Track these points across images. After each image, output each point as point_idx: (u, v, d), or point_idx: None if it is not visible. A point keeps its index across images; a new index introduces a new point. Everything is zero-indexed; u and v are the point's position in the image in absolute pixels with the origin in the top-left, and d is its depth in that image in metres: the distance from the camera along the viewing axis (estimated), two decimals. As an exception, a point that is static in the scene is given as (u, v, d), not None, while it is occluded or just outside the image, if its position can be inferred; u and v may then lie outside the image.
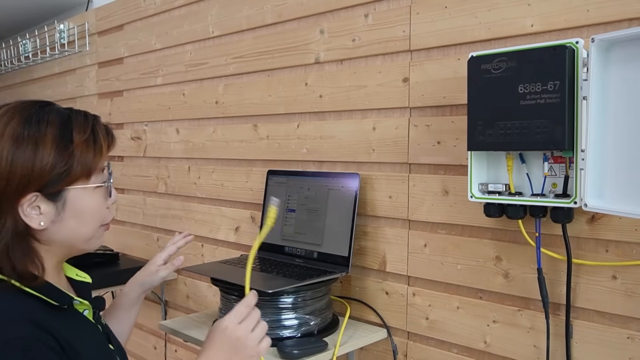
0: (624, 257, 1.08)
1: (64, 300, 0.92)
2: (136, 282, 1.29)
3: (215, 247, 1.94)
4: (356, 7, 1.48)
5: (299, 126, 1.63)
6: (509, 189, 1.15)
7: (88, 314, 0.99)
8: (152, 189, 2.20)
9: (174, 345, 2.15)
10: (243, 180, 1.81)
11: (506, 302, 1.24)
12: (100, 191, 0.96)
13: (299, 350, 1.23)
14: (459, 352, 1.32)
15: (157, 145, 2.16)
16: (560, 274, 1.15)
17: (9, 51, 3.01)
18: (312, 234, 1.50)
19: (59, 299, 0.91)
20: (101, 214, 0.97)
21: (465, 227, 1.30)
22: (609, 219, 1.09)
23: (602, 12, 1.09)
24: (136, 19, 2.22)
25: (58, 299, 0.91)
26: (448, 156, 1.31)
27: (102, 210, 0.97)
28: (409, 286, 1.40)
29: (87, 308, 0.99)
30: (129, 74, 2.28)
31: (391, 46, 1.41)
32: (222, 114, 1.88)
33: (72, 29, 2.56)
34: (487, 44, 1.24)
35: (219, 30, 1.87)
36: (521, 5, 1.18)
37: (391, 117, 1.42)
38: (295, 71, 1.65)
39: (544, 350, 1.17)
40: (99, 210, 0.96)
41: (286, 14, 1.65)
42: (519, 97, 1.06)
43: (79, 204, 0.92)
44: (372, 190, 1.46)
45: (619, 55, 0.96)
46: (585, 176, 1.00)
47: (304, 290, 1.33)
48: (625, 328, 1.09)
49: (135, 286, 1.28)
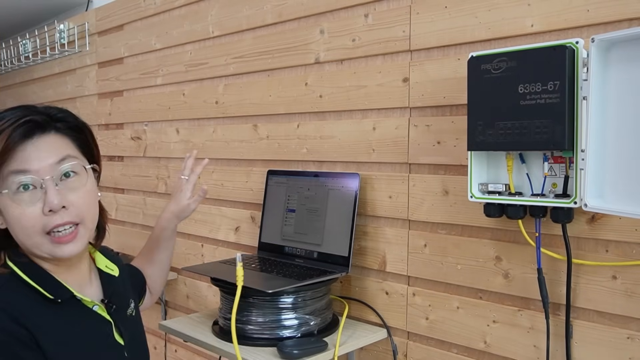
0: (624, 257, 1.08)
1: (60, 294, 0.94)
2: (172, 215, 1.32)
3: (215, 247, 1.94)
4: (356, 7, 1.48)
5: (299, 126, 1.63)
6: (509, 189, 1.15)
7: (99, 309, 1.00)
8: (152, 189, 2.20)
9: (174, 345, 2.15)
10: (243, 180, 1.81)
11: (506, 302, 1.24)
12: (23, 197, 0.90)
13: (298, 350, 1.23)
14: (459, 352, 1.32)
15: (157, 145, 2.16)
16: (560, 274, 1.15)
17: (9, 51, 3.01)
18: (312, 234, 1.50)
19: (54, 292, 0.93)
20: (32, 223, 0.91)
21: (465, 227, 1.30)
22: (609, 219, 1.09)
23: (602, 12, 1.08)
24: (136, 19, 2.22)
25: (53, 292, 0.93)
26: (448, 156, 1.31)
27: (32, 218, 0.90)
28: (409, 286, 1.40)
29: (96, 304, 1.00)
30: (129, 74, 2.28)
31: (391, 46, 1.41)
32: (222, 114, 1.88)
33: (72, 29, 2.56)
34: (487, 44, 1.24)
35: (219, 30, 1.87)
36: (521, 5, 1.18)
37: (391, 117, 1.42)
38: (295, 71, 1.65)
39: (544, 351, 1.17)
40: (25, 218, 0.90)
41: (286, 14, 1.65)
42: (519, 97, 1.06)
43: (4, 209, 0.92)
44: (372, 190, 1.45)
45: (619, 55, 0.96)
46: (585, 176, 1.00)
47: (304, 290, 1.32)
48: (625, 328, 1.09)
49: (172, 218, 1.32)
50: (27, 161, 0.90)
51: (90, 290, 1.03)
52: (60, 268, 0.98)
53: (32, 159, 0.91)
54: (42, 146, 0.93)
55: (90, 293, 1.03)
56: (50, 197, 0.90)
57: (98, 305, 1.01)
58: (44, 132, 0.94)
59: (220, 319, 1.41)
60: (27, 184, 0.90)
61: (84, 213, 0.95)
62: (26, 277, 0.93)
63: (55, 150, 0.94)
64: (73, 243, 0.94)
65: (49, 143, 0.94)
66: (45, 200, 0.90)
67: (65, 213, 0.92)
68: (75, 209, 0.93)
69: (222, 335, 1.36)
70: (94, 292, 1.04)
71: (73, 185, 0.94)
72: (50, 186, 0.91)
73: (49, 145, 0.94)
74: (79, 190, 0.95)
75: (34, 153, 0.91)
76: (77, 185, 0.95)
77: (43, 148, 0.93)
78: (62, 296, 0.95)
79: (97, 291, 1.05)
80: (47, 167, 0.92)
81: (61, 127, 0.96)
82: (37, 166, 0.91)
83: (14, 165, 0.90)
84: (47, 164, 0.92)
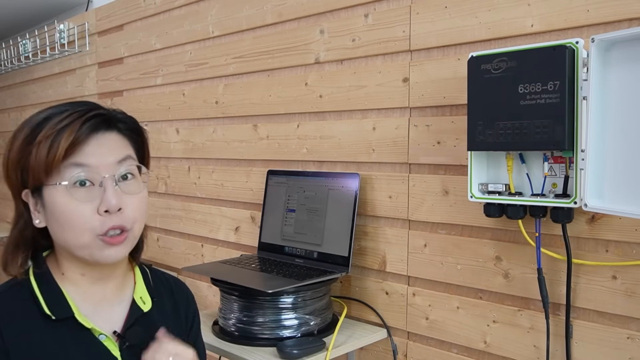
0: (624, 257, 1.08)
1: (58, 311, 0.87)
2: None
3: (215, 247, 1.94)
4: (356, 7, 1.48)
5: (299, 126, 1.63)
6: (509, 189, 1.15)
7: (107, 340, 0.90)
8: (152, 189, 2.20)
9: (174, 345, 2.15)
10: (243, 180, 1.81)
11: (506, 302, 1.24)
12: (79, 192, 0.85)
13: (298, 350, 1.23)
14: (459, 352, 1.32)
15: (157, 145, 2.16)
16: (560, 274, 1.15)
17: (9, 51, 3.01)
18: (312, 234, 1.50)
19: (53, 308, 0.87)
20: (83, 221, 0.85)
21: (465, 227, 1.30)
22: (609, 219, 1.09)
23: (602, 12, 1.08)
24: (136, 19, 2.22)
25: (52, 308, 0.87)
26: (448, 156, 1.31)
27: (85, 216, 0.85)
28: (409, 286, 1.40)
29: (103, 334, 0.90)
30: (129, 74, 2.28)
31: (391, 46, 1.41)
32: (222, 114, 1.88)
33: (72, 29, 2.55)
34: (487, 44, 1.24)
35: (219, 30, 1.87)
36: (521, 5, 1.18)
37: (391, 117, 1.42)
38: (295, 71, 1.65)
39: (544, 350, 1.17)
40: (77, 215, 0.85)
41: (286, 14, 1.65)
42: (519, 97, 1.06)
43: (52, 204, 0.86)
44: (372, 190, 1.45)
45: (619, 55, 0.96)
46: (585, 176, 1.00)
47: (304, 290, 1.33)
48: (625, 328, 1.09)
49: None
50: (88, 156, 0.85)
51: (108, 316, 0.92)
52: (85, 278, 0.91)
53: (93, 154, 0.86)
54: (105, 143, 0.88)
55: (105, 319, 0.92)
56: (108, 197, 0.85)
57: (106, 336, 0.90)
58: (107, 129, 0.89)
59: (221, 319, 1.41)
60: (85, 179, 0.85)
61: (136, 219, 0.89)
62: (36, 287, 0.88)
63: (117, 149, 0.89)
64: (120, 246, 0.87)
65: (112, 141, 0.89)
66: (103, 199, 0.85)
67: (118, 216, 0.86)
68: (130, 213, 0.88)
69: (222, 335, 1.36)
70: (113, 319, 0.93)
71: (130, 188, 0.89)
72: (110, 185, 0.86)
73: (112, 143, 0.89)
74: (136, 195, 0.90)
75: (97, 149, 0.87)
76: (134, 189, 0.90)
77: (105, 145, 0.88)
78: (60, 314, 0.87)
79: (118, 320, 0.93)
80: (107, 165, 0.87)
81: (122, 128, 0.92)
82: (97, 162, 0.86)
83: (74, 158, 0.85)
84: (108, 162, 0.87)
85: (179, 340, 0.94)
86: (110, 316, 0.93)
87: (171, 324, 0.99)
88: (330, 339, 1.31)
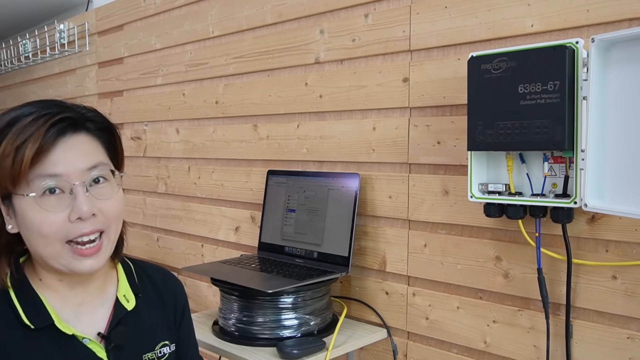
0: (624, 257, 1.08)
1: (36, 321, 0.85)
2: None
3: (215, 247, 1.94)
4: (356, 7, 1.48)
5: (299, 126, 1.63)
6: (509, 189, 1.15)
7: (92, 343, 0.88)
8: (152, 189, 2.20)
9: (174, 345, 2.15)
10: (243, 180, 1.81)
11: (506, 302, 1.24)
12: (49, 201, 0.82)
13: (298, 350, 1.23)
14: (459, 352, 1.32)
15: (157, 145, 2.16)
16: (560, 274, 1.15)
17: (9, 51, 3.01)
18: (312, 234, 1.50)
19: (31, 318, 0.84)
20: (55, 230, 0.82)
21: (465, 227, 1.30)
22: (609, 219, 1.09)
23: (602, 12, 1.08)
24: (136, 19, 2.22)
25: (30, 317, 0.84)
26: (448, 156, 1.31)
27: (56, 225, 0.82)
28: (409, 286, 1.40)
29: (87, 337, 0.88)
30: (129, 74, 2.28)
31: (391, 46, 1.41)
32: (222, 114, 1.88)
33: (72, 29, 2.55)
34: (487, 44, 1.24)
35: (219, 30, 1.87)
36: (521, 5, 1.18)
37: (391, 117, 1.42)
38: (295, 71, 1.65)
39: (544, 350, 1.17)
40: (48, 225, 0.82)
41: (286, 14, 1.65)
42: (519, 97, 1.06)
43: (22, 213, 0.83)
44: (372, 190, 1.45)
45: (619, 55, 0.96)
46: (585, 176, 1.00)
47: (304, 290, 1.33)
48: (625, 328, 1.09)
49: None
50: (56, 164, 0.82)
51: (91, 318, 0.91)
52: (63, 284, 0.89)
53: (62, 161, 0.83)
54: (74, 147, 0.85)
55: (89, 321, 0.90)
56: (79, 204, 0.82)
57: (90, 339, 0.87)
58: (75, 131, 0.86)
59: (221, 319, 1.41)
60: (55, 187, 0.82)
61: (111, 221, 0.87)
62: (14, 296, 0.85)
63: (87, 154, 0.86)
64: (95, 257, 0.85)
65: (81, 144, 0.86)
66: (74, 206, 0.82)
67: (91, 222, 0.84)
68: (103, 217, 0.86)
69: (222, 335, 1.36)
70: (97, 320, 0.91)
71: (103, 192, 0.87)
72: (81, 192, 0.83)
73: (81, 146, 0.86)
74: (110, 198, 0.87)
75: (65, 155, 0.83)
76: (108, 194, 0.87)
77: (74, 150, 0.85)
78: (39, 323, 0.84)
79: (102, 321, 0.91)
80: (77, 172, 0.83)
81: (91, 128, 0.88)
82: (66, 170, 0.83)
83: (41, 168, 0.81)
84: (78, 169, 0.84)
85: (166, 334, 0.93)
86: (94, 318, 0.91)
87: (158, 319, 0.98)
88: (330, 339, 1.31)
